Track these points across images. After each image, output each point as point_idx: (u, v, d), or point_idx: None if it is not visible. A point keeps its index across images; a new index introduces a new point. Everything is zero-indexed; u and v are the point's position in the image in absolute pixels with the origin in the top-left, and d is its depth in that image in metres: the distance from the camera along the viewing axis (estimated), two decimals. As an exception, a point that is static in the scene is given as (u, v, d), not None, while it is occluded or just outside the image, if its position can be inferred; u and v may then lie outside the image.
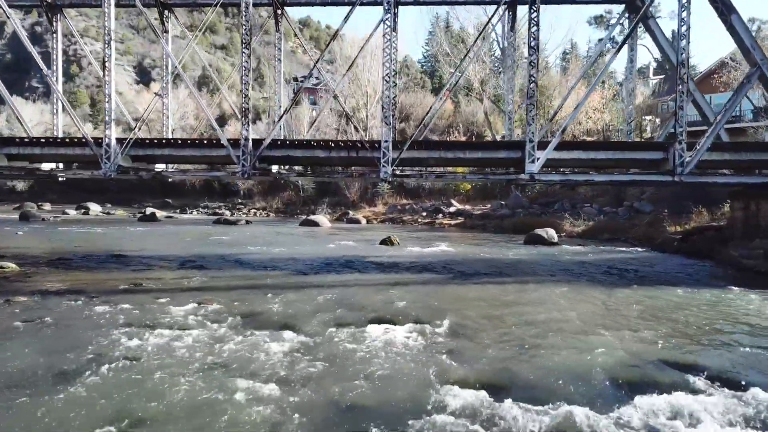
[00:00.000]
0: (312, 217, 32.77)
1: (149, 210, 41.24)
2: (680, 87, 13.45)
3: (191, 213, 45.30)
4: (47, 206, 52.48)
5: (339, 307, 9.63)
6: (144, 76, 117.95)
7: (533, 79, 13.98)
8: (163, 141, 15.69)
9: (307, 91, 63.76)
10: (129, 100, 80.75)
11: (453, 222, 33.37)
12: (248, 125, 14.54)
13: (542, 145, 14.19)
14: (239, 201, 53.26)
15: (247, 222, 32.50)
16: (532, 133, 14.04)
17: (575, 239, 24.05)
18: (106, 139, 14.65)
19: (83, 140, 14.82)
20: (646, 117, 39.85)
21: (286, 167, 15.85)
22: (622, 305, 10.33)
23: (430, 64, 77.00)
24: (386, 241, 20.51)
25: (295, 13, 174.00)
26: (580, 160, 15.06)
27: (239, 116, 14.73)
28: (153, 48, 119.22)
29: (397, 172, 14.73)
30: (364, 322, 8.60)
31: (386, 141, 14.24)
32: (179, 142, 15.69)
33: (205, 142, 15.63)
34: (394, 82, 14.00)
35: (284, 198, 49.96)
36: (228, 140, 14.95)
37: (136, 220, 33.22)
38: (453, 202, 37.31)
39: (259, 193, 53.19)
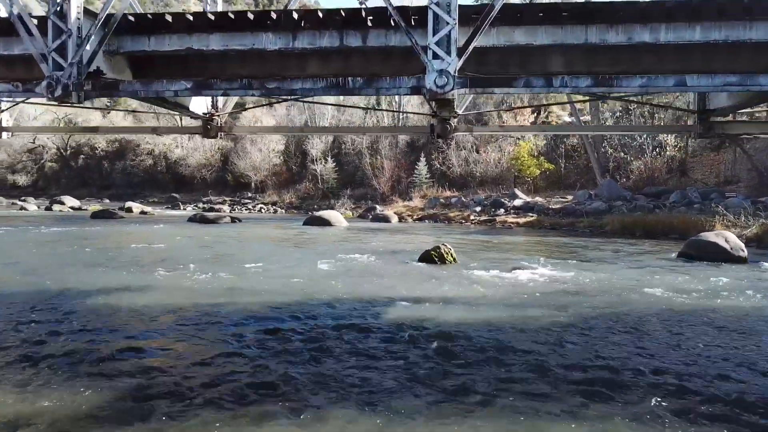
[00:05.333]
0: (322, 213, 23.44)
1: (128, 204, 33.03)
2: None
3: (185, 209, 36.78)
4: (31, 200, 45.18)
5: None
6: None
7: None
8: None
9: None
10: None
11: (522, 220, 23.57)
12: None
13: None
14: (248, 195, 44.64)
15: (234, 220, 23.50)
16: None
17: (754, 249, 13.97)
18: None
19: None
20: None
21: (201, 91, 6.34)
22: None
23: None
24: (432, 256, 10.96)
25: None
26: None
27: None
28: None
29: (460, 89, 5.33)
30: None
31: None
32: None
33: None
34: None
35: (300, 191, 41.08)
36: (38, 19, 5.79)
37: (89, 217, 24.60)
38: (518, 192, 27.47)
39: (273, 186, 44.46)
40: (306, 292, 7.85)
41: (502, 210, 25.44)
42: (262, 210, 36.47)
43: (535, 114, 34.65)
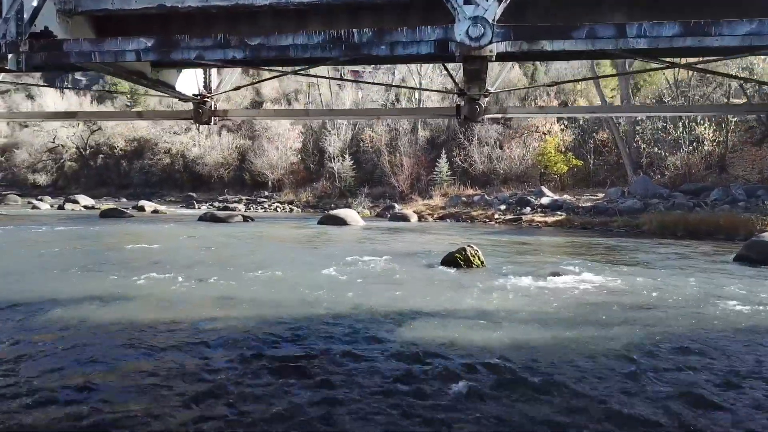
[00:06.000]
0: (337, 211, 22.27)
1: (141, 203, 32.43)
2: None
3: (199, 208, 35.95)
4: (47, 199, 44.85)
5: None
6: None
7: None
8: None
9: (352, 74, 54.17)
10: None
11: (550, 219, 22.14)
12: None
13: None
14: (265, 194, 43.76)
15: (246, 219, 22.47)
16: None
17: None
18: None
19: None
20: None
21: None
22: None
23: None
24: (457, 259, 9.70)
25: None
26: None
27: None
28: None
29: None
30: None
31: None
32: None
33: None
34: None
35: (317, 190, 40.04)
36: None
37: (98, 216, 23.78)
38: (545, 190, 25.99)
39: (290, 185, 43.49)
40: (310, 303, 6.66)
41: (528, 208, 24.02)
42: (278, 209, 35.54)
43: (563, 107, 33.07)
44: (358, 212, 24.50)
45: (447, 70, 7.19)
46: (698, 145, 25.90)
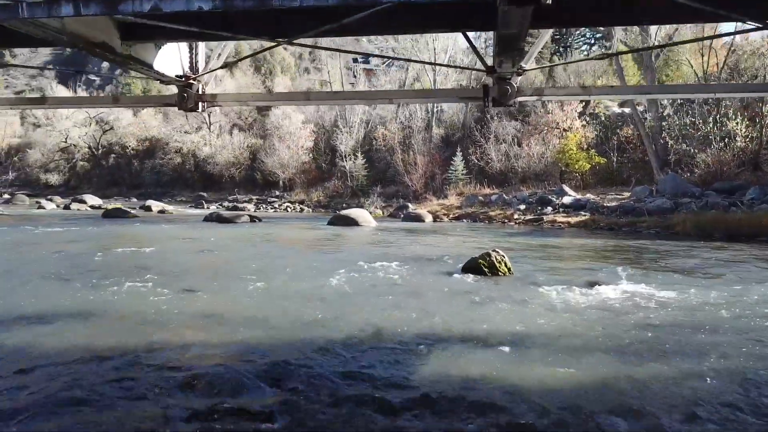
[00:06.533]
0: (348, 211, 21.19)
1: (148, 203, 31.75)
2: None
3: (208, 207, 35.09)
4: (56, 199, 44.32)
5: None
6: None
7: None
8: None
9: (365, 73, 53.32)
10: None
11: (573, 219, 20.86)
12: None
13: None
14: (276, 193, 42.88)
15: (254, 219, 21.48)
16: None
17: None
18: None
19: None
20: None
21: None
22: None
23: None
24: (480, 266, 8.54)
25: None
26: None
27: None
28: None
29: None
30: None
31: None
32: None
33: None
34: None
35: (329, 189, 39.07)
36: None
37: (101, 216, 22.91)
38: (566, 189, 24.67)
39: (302, 184, 42.57)
40: (310, 324, 5.56)
41: (549, 208, 22.74)
42: (288, 209, 34.58)
43: (583, 105, 31.75)
44: (371, 212, 23.47)
45: (471, 44, 6.06)
46: (730, 141, 24.45)
